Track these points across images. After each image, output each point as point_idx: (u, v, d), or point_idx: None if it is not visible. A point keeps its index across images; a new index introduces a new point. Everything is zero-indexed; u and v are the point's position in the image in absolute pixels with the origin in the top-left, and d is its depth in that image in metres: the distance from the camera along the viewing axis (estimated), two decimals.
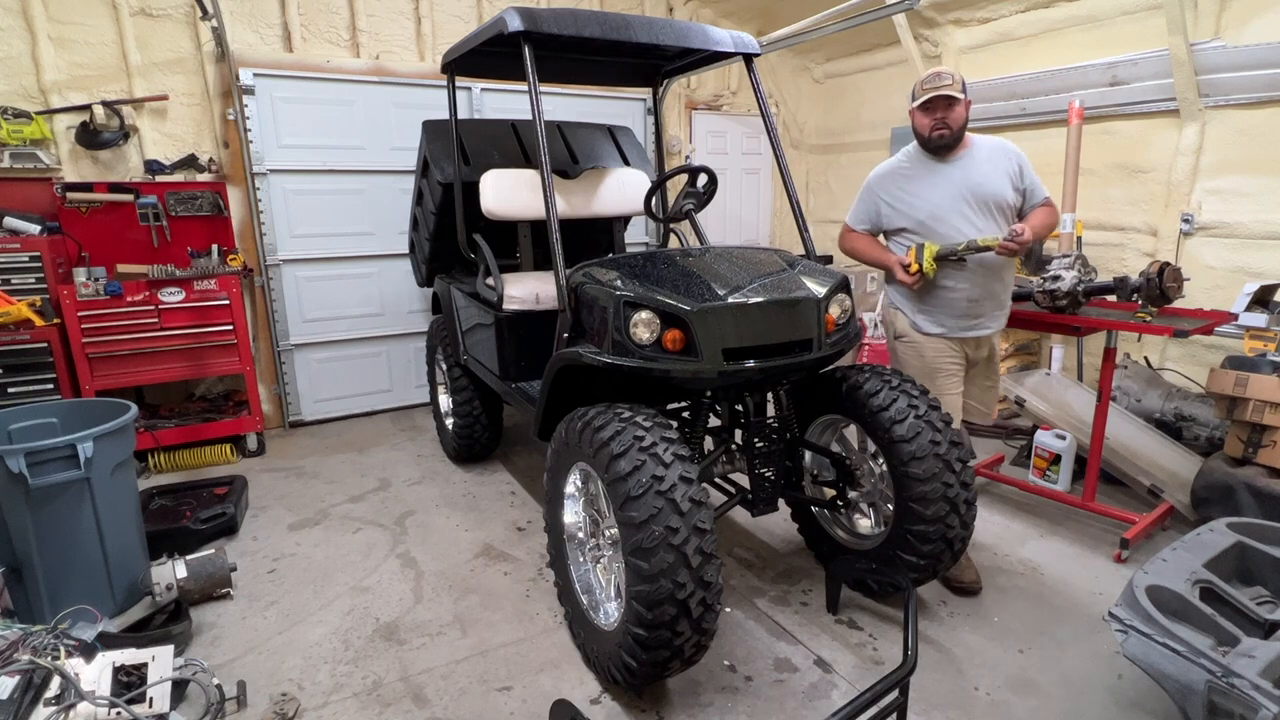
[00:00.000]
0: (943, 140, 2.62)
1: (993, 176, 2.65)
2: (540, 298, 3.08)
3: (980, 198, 2.64)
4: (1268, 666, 1.65)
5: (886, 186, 2.78)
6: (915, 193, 2.71)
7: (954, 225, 2.65)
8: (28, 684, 1.73)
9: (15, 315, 3.48)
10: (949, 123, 2.60)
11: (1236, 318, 3.20)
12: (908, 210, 2.72)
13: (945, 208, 2.66)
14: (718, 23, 5.84)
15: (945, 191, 2.66)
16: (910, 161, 2.77)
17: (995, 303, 2.76)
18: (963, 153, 2.68)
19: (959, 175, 2.66)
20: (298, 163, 4.52)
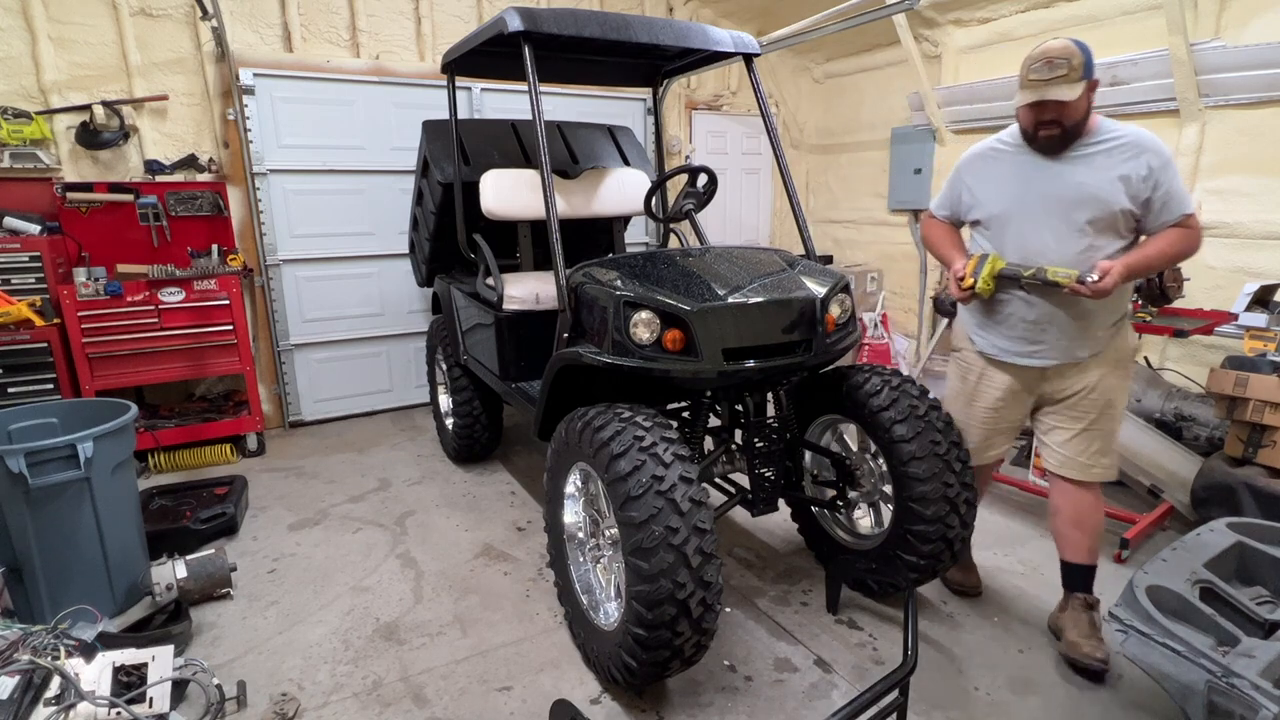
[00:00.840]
0: (1051, 142, 2.11)
1: (1098, 179, 2.07)
2: (540, 298, 3.08)
3: (1069, 203, 2.11)
4: (1268, 666, 1.65)
5: (973, 168, 2.35)
6: (994, 180, 2.27)
7: (1024, 233, 2.19)
8: (28, 684, 1.73)
9: (15, 315, 3.48)
10: (1061, 121, 2.06)
11: (1236, 318, 3.20)
12: (982, 200, 2.30)
13: (1018, 208, 2.19)
14: (718, 23, 5.84)
15: (1024, 188, 2.18)
16: (1006, 145, 2.28)
17: (1067, 331, 2.21)
18: (1076, 144, 2.13)
19: (1051, 172, 2.14)
20: (298, 163, 4.52)
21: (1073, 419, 2.31)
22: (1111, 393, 2.28)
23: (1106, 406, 2.28)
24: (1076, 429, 2.31)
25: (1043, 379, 2.32)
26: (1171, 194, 2.04)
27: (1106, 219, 2.08)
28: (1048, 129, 2.08)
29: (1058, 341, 2.23)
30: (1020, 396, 2.37)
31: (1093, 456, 2.32)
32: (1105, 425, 2.30)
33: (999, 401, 2.40)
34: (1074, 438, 2.32)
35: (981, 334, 2.40)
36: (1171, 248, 2.08)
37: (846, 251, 6.38)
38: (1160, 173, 2.03)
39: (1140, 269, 2.08)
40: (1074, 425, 2.31)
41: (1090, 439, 2.31)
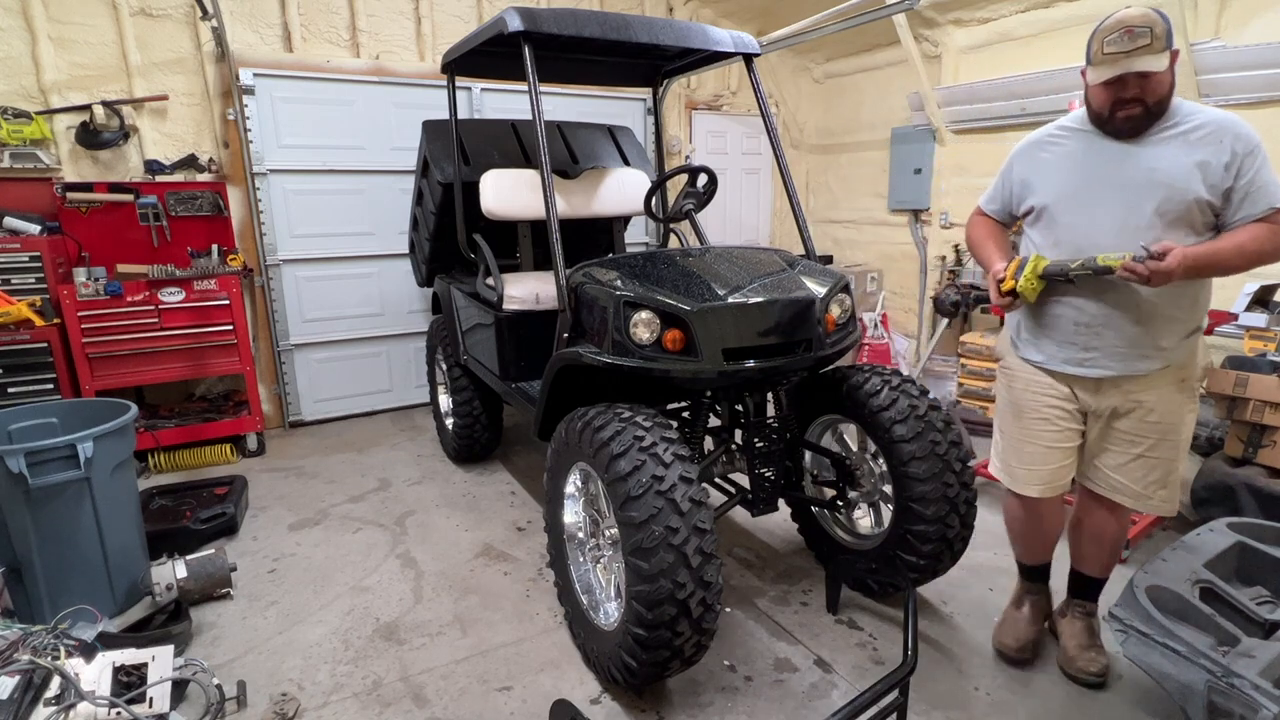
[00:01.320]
0: (1131, 123, 1.84)
1: (1172, 164, 1.81)
2: (540, 298, 3.08)
3: (1136, 190, 1.84)
4: (1268, 666, 1.65)
5: (1026, 156, 2.10)
6: (1051, 168, 2.01)
7: (1078, 223, 1.93)
8: (28, 684, 1.73)
9: (15, 315, 3.48)
10: (1145, 99, 1.79)
11: (1236, 318, 3.20)
12: (1036, 187, 2.03)
13: (1075, 195, 1.94)
14: (718, 23, 5.84)
15: (1085, 174, 1.93)
16: (1067, 132, 2.02)
17: (1126, 336, 1.92)
18: (1155, 130, 1.86)
19: (1119, 156, 1.88)
20: (298, 163, 4.52)
21: (1128, 442, 2.04)
22: (1174, 416, 1.98)
23: (1168, 431, 2.00)
24: (1133, 454, 2.04)
25: (1096, 391, 2.02)
26: (1257, 184, 1.76)
27: (1179, 209, 1.80)
28: (1128, 109, 1.80)
29: (1115, 348, 1.94)
30: (1072, 407, 2.09)
31: (1150, 487, 2.06)
32: (1166, 453, 2.03)
33: (1053, 410, 2.09)
34: (1130, 463, 2.06)
35: (1027, 338, 2.14)
36: (1254, 243, 1.76)
37: (846, 251, 6.38)
38: (1246, 160, 1.76)
39: (1207, 263, 1.76)
40: (1129, 450, 2.05)
41: (1149, 467, 2.04)
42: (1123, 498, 2.11)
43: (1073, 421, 2.10)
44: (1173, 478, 2.06)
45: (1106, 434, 2.08)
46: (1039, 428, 2.12)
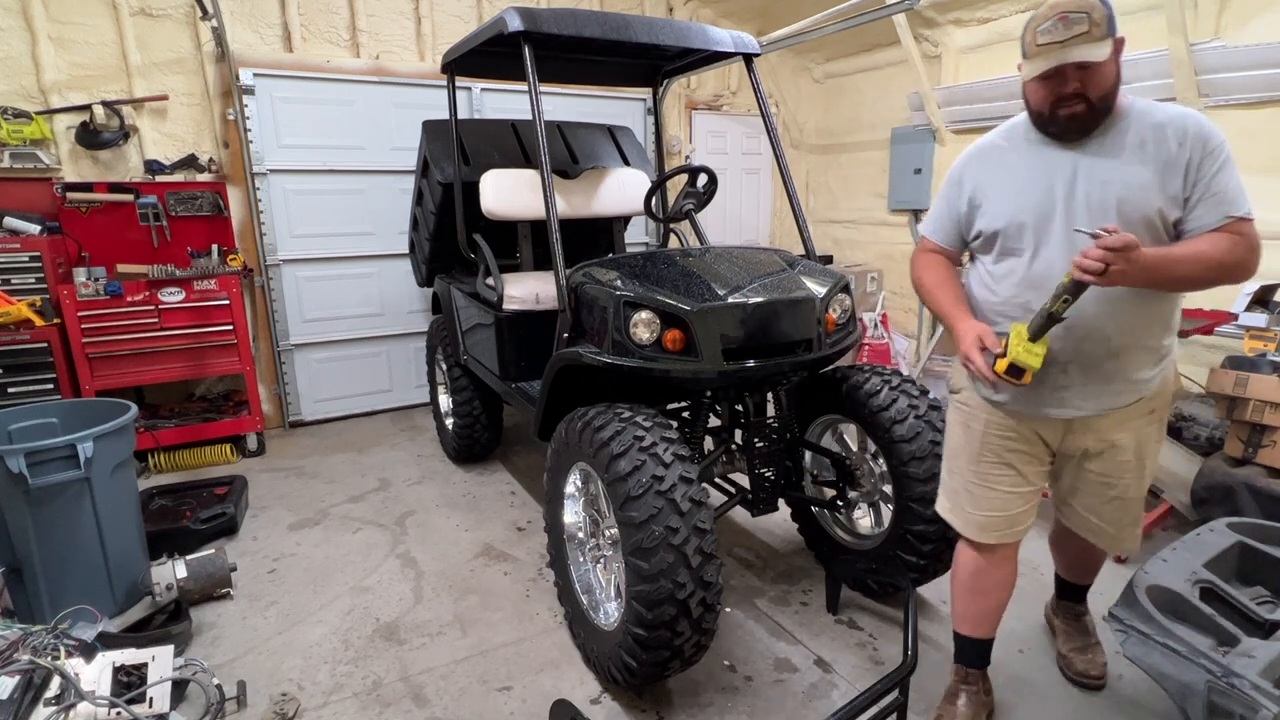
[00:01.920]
0: (1075, 122, 1.62)
1: (1130, 173, 1.60)
2: (540, 298, 3.08)
3: (1096, 206, 1.62)
4: (1268, 666, 1.65)
5: (976, 167, 1.83)
6: (1002, 181, 1.76)
7: (1047, 244, 1.69)
8: (28, 684, 1.73)
9: (15, 315, 3.48)
10: (1087, 93, 1.58)
11: (1236, 318, 3.20)
12: (987, 206, 1.77)
13: (1032, 212, 1.69)
14: (718, 23, 5.84)
15: (1040, 189, 1.69)
16: (1009, 139, 1.79)
17: (1099, 372, 1.72)
18: (1101, 130, 1.65)
19: (1071, 167, 1.66)
20: (298, 163, 4.52)
21: (1103, 485, 1.87)
22: (1145, 451, 1.84)
23: (1140, 470, 1.85)
24: (1108, 497, 1.87)
25: (1067, 433, 1.83)
26: (1215, 189, 1.56)
27: (1138, 225, 1.58)
28: (1070, 105, 1.59)
29: (1087, 385, 1.73)
30: (1039, 450, 1.87)
31: (1124, 529, 1.92)
32: (1136, 490, 1.88)
33: (1016, 456, 1.87)
34: (1105, 505, 1.89)
35: None
36: (1213, 251, 1.55)
37: (846, 251, 6.38)
38: (1205, 162, 1.56)
39: (1164, 266, 1.53)
40: (1105, 493, 1.88)
41: (1123, 509, 1.89)
42: (1097, 539, 1.97)
43: (1037, 465, 1.89)
44: (1139, 512, 1.93)
45: (1079, 476, 1.90)
46: (999, 474, 1.89)
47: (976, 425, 1.90)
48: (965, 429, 1.94)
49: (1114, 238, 1.45)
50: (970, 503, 1.95)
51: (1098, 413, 1.76)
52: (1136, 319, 1.67)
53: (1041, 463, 1.89)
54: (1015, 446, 1.86)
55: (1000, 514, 1.91)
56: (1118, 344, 1.69)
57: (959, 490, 1.97)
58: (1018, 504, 1.90)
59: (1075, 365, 1.72)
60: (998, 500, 1.90)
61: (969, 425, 1.92)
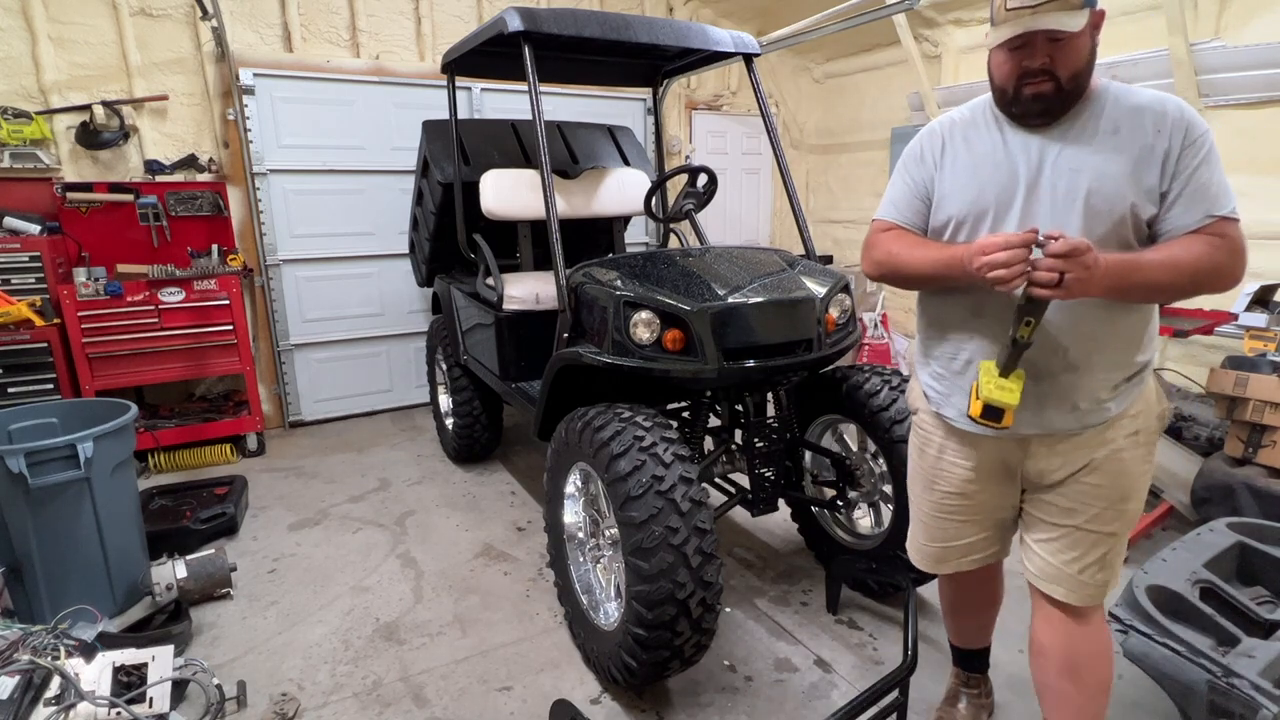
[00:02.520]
0: (1040, 103, 1.42)
1: (1101, 163, 1.40)
2: (540, 298, 3.08)
3: (1062, 199, 1.43)
4: (1268, 666, 1.65)
5: (939, 144, 1.60)
6: (966, 164, 1.55)
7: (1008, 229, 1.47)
8: (28, 684, 1.73)
9: (15, 315, 3.48)
10: (1056, 70, 1.38)
11: (1236, 318, 3.20)
12: (949, 190, 1.56)
13: (991, 204, 1.50)
14: (718, 23, 5.84)
15: (1001, 177, 1.49)
16: (975, 115, 1.58)
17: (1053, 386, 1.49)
18: (1072, 114, 1.44)
19: (1038, 155, 1.46)
20: (298, 163, 4.52)
21: (1062, 512, 1.57)
22: (1123, 479, 1.52)
23: (1116, 500, 1.53)
24: (1066, 526, 1.56)
25: (1024, 453, 1.58)
26: (1196, 184, 1.36)
27: (1109, 223, 1.39)
28: (1036, 83, 1.40)
29: (1039, 401, 1.49)
30: (999, 477, 1.64)
31: (1088, 570, 1.56)
32: (1109, 525, 1.54)
33: (969, 484, 1.66)
34: (1060, 539, 1.57)
35: (936, 388, 1.67)
36: (1188, 257, 1.35)
37: (846, 251, 6.38)
38: (1185, 153, 1.37)
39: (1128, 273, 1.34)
40: (1062, 521, 1.56)
41: (1085, 544, 1.55)
42: (1056, 586, 1.58)
43: (998, 495, 1.66)
44: (1114, 557, 1.58)
45: (1040, 506, 1.61)
46: (953, 503, 1.70)
47: (930, 449, 1.72)
48: (920, 453, 1.76)
49: (1059, 243, 1.28)
50: (923, 533, 1.80)
51: (1052, 432, 1.51)
52: (1101, 331, 1.45)
53: (1005, 492, 1.66)
54: (970, 474, 1.65)
55: (954, 544, 1.75)
56: (1077, 357, 1.47)
57: (917, 520, 1.83)
58: (972, 532, 1.72)
59: (1044, 372, 1.48)
60: (952, 530, 1.73)
61: (923, 449, 1.75)
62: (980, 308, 1.54)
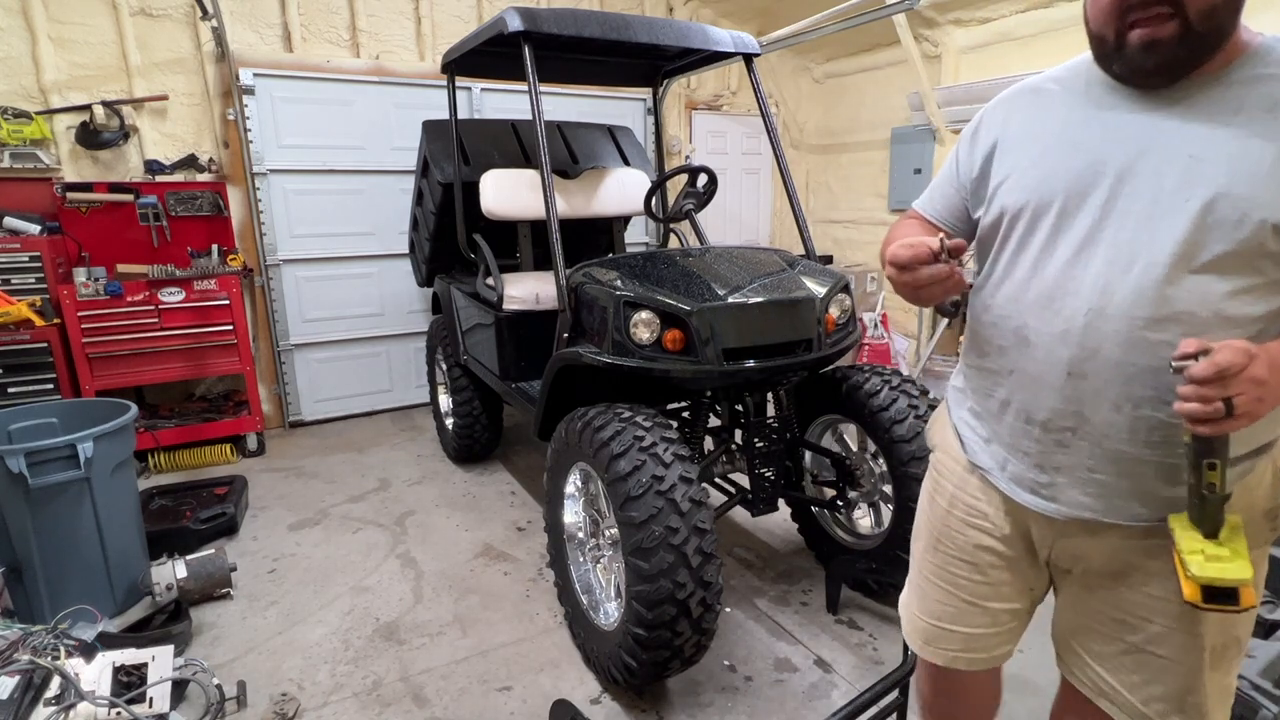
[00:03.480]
0: (1156, 53, 0.96)
1: (1239, 146, 0.94)
2: (540, 298, 3.08)
3: (1171, 191, 0.97)
4: (1268, 666, 1.66)
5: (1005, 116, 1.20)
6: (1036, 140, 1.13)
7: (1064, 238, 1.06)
8: (28, 684, 1.73)
9: (15, 315, 3.48)
10: (1182, 1, 0.92)
11: None
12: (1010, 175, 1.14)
13: (1069, 188, 1.06)
14: (718, 23, 5.84)
15: (1088, 152, 1.05)
16: (1063, 83, 1.14)
17: (1114, 450, 1.05)
18: (1207, 79, 0.99)
19: (1147, 126, 1.01)
20: (298, 163, 4.51)
21: (1117, 623, 1.15)
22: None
23: (1181, 618, 1.09)
24: (1125, 644, 1.15)
25: (1059, 534, 1.17)
26: None
27: (1236, 236, 0.94)
28: (1149, 22, 0.95)
29: (1094, 472, 1.07)
30: (1020, 553, 1.24)
31: (1151, 703, 1.14)
32: (1178, 653, 1.10)
33: (982, 552, 1.26)
34: (1120, 657, 1.16)
35: (974, 429, 1.27)
36: None
37: (846, 251, 6.38)
38: None
39: None
40: (1120, 637, 1.16)
41: (1151, 670, 1.13)
42: (1111, 707, 1.19)
43: (1017, 576, 1.26)
44: (1194, 699, 1.11)
45: (1081, 603, 1.20)
46: (961, 572, 1.30)
47: (942, 498, 1.33)
48: (930, 500, 1.39)
49: (1202, 366, 0.86)
50: (919, 601, 1.39)
51: (1110, 518, 1.08)
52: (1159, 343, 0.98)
53: (1024, 572, 1.25)
54: (986, 540, 1.25)
55: (953, 628, 1.32)
56: (1152, 415, 1.00)
57: (912, 583, 1.43)
58: (980, 621, 1.29)
59: (1077, 436, 1.07)
60: (951, 609, 1.31)
61: (934, 496, 1.37)
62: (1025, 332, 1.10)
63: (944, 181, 1.31)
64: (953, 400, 1.37)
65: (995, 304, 1.17)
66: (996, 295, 1.17)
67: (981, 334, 1.22)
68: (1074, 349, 1.03)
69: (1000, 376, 1.18)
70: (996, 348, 1.18)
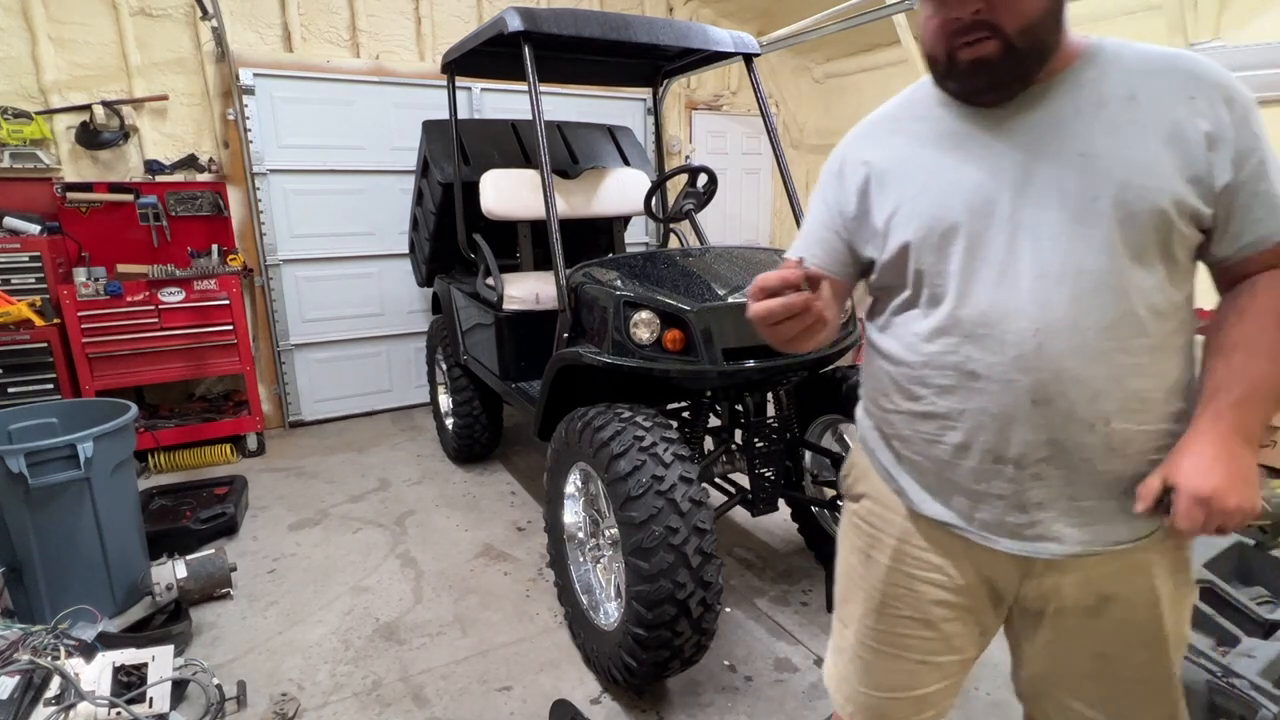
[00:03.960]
0: (983, 73, 0.97)
1: (1123, 140, 0.94)
2: (540, 298, 3.08)
3: (1078, 193, 0.95)
4: (1268, 666, 1.66)
5: (868, 152, 1.15)
6: (915, 167, 1.07)
7: (986, 262, 1.00)
8: (28, 684, 1.73)
9: (15, 315, 3.48)
10: (999, 22, 0.93)
11: None
12: (899, 208, 1.08)
13: (970, 211, 1.01)
14: (718, 23, 5.84)
15: (978, 168, 1.01)
16: (916, 106, 1.13)
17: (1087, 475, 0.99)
18: (1049, 85, 0.99)
19: (1028, 133, 0.99)
20: (298, 163, 4.52)
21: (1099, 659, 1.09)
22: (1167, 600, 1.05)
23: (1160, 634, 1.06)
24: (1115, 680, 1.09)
25: (1028, 573, 1.08)
26: (1270, 176, 0.94)
27: (1151, 234, 0.94)
28: (973, 42, 0.95)
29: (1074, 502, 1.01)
30: (984, 601, 1.13)
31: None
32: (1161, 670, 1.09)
33: (939, 608, 1.14)
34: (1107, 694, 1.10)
35: (914, 480, 1.14)
36: None
37: None
38: (1244, 132, 0.94)
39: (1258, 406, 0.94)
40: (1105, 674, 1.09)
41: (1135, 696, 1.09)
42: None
43: (972, 624, 1.15)
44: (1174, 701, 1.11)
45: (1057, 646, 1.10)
46: (913, 634, 1.16)
47: (882, 554, 1.18)
48: (865, 559, 1.22)
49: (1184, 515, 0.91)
50: (861, 675, 1.23)
51: (1092, 549, 1.02)
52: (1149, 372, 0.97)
53: (980, 619, 1.15)
54: (941, 594, 1.13)
55: (904, 695, 1.20)
56: (1123, 427, 0.97)
57: (847, 650, 1.25)
58: (931, 679, 1.18)
59: (1053, 465, 0.99)
60: (903, 675, 1.18)
61: (870, 554, 1.20)
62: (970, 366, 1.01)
63: (818, 226, 1.23)
64: (875, 447, 1.21)
65: (918, 342, 1.08)
66: (917, 331, 1.08)
67: (909, 376, 1.10)
68: (1034, 374, 0.96)
69: (949, 420, 1.06)
70: (936, 389, 1.06)
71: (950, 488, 1.08)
